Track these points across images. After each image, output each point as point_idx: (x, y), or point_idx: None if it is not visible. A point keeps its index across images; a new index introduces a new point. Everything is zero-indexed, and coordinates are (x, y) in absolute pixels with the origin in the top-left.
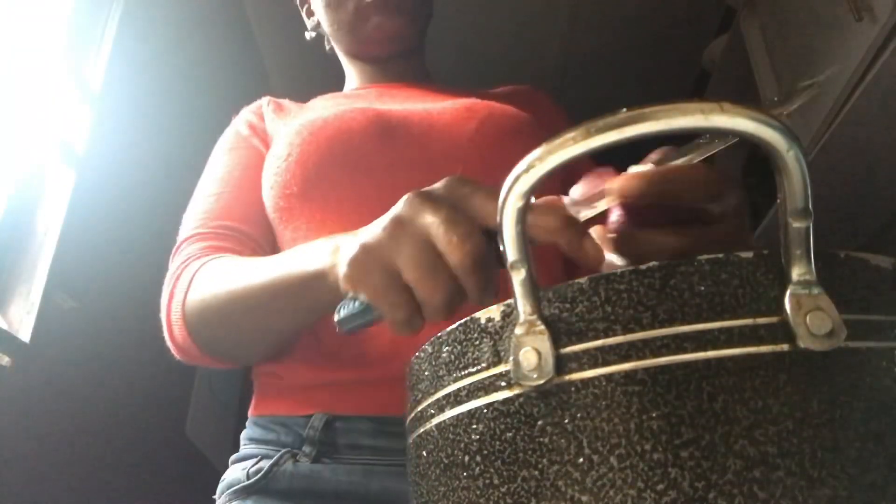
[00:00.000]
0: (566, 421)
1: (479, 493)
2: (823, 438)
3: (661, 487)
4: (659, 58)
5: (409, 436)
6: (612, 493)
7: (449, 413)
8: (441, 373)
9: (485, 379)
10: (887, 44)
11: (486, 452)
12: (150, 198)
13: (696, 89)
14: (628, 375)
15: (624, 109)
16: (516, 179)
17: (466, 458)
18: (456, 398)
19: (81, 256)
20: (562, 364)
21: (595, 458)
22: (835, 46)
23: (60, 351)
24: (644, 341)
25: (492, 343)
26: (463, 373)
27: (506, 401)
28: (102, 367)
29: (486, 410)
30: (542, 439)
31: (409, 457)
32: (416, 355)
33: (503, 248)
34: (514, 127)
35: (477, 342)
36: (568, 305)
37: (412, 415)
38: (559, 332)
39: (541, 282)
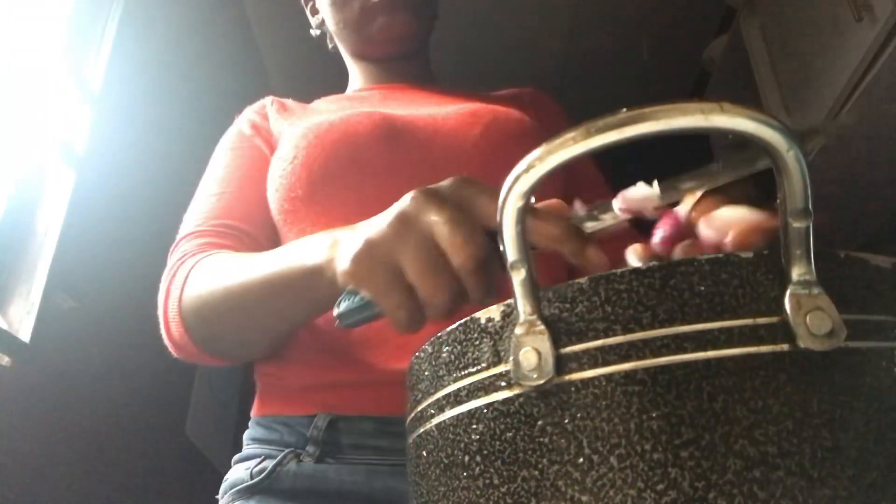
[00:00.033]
0: (566, 421)
1: (479, 493)
2: (823, 438)
3: (661, 487)
4: (659, 58)
5: (409, 436)
6: (612, 493)
7: (449, 413)
8: (441, 373)
9: (485, 379)
10: (887, 44)
11: (486, 452)
12: (150, 198)
13: (696, 89)
14: (628, 375)
15: (624, 109)
16: (516, 179)
17: (466, 458)
18: (456, 398)
19: (81, 256)
20: (562, 364)
21: (595, 458)
22: (835, 46)
23: (60, 351)
24: (644, 341)
25: (492, 343)
26: (463, 373)
27: (506, 401)
28: (102, 367)
29: (486, 410)
30: (542, 439)
31: (409, 457)
32: (416, 355)
33: (503, 248)
34: (517, 131)
35: (477, 342)
36: (568, 305)
37: (412, 415)
38: (559, 332)
39: (541, 282)
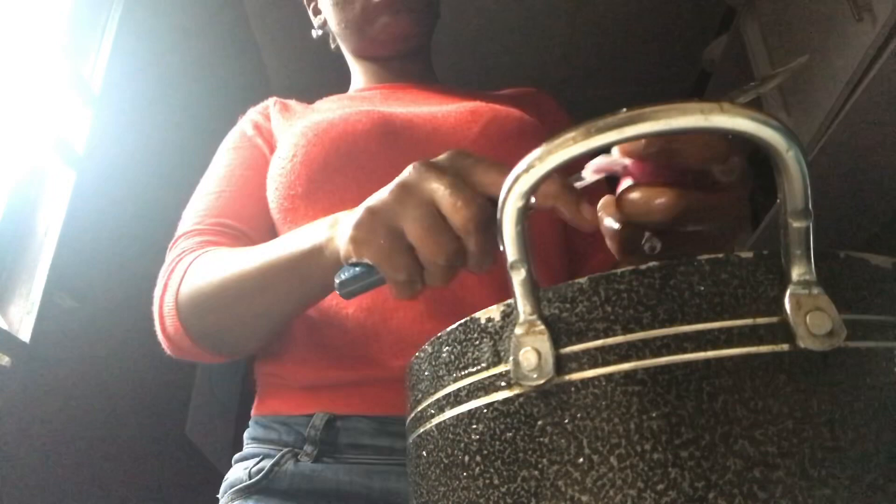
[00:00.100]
0: (566, 421)
1: (479, 493)
2: (823, 438)
3: (661, 487)
4: (659, 58)
5: (409, 436)
6: (612, 493)
7: (449, 413)
8: (441, 373)
9: (485, 379)
10: (887, 44)
11: (486, 452)
12: (150, 198)
13: (696, 89)
14: (628, 375)
15: (624, 109)
16: (516, 179)
17: (466, 458)
18: (456, 398)
19: (81, 256)
20: (562, 364)
21: (595, 458)
22: (835, 46)
23: (60, 351)
24: (644, 341)
25: (492, 343)
26: (463, 373)
27: (506, 401)
28: (102, 367)
29: (486, 410)
30: (542, 439)
31: (409, 457)
32: (416, 355)
33: (503, 247)
34: (517, 130)
35: (477, 342)
36: (568, 305)
37: (412, 415)
38: (559, 332)
39: (541, 282)
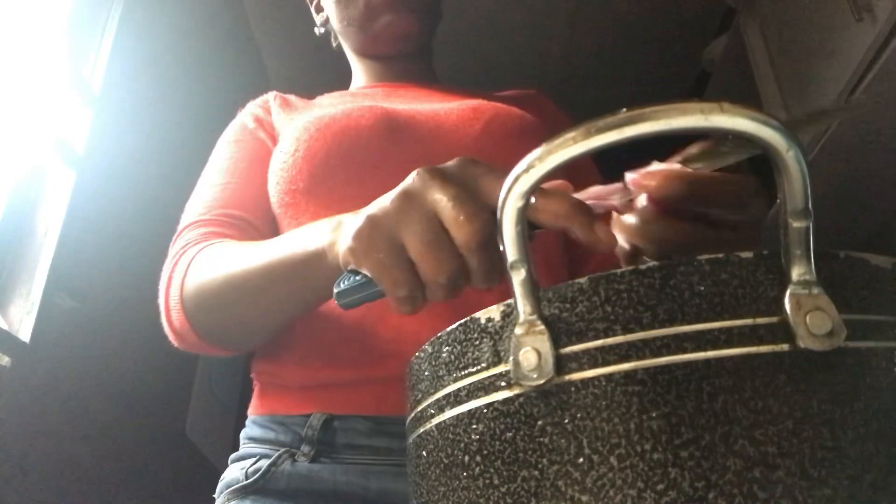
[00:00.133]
0: (566, 421)
1: (479, 493)
2: (823, 438)
3: (661, 487)
4: (659, 58)
5: (409, 436)
6: (612, 493)
7: (449, 413)
8: (441, 373)
9: (485, 379)
10: (887, 44)
11: (486, 452)
12: (150, 198)
13: (696, 89)
14: (628, 375)
15: (624, 109)
16: (516, 179)
17: (466, 458)
18: (456, 398)
19: (81, 256)
20: (562, 364)
21: (595, 458)
22: (835, 46)
23: (60, 351)
24: (644, 341)
25: (492, 343)
26: (463, 373)
27: (506, 401)
28: (102, 367)
29: (486, 410)
30: (542, 439)
31: (409, 457)
32: (416, 355)
33: (503, 247)
34: (519, 129)
35: (477, 342)
36: (568, 305)
37: (412, 415)
38: (559, 332)
39: (541, 282)
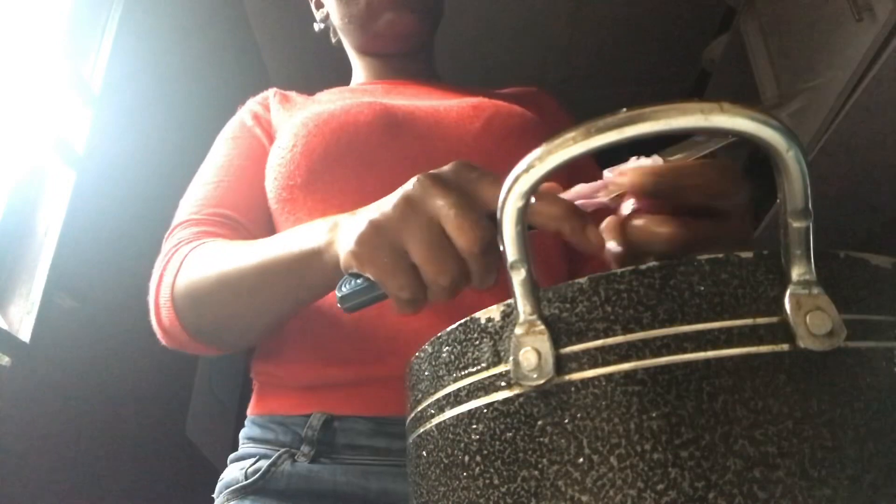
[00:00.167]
0: (566, 421)
1: (479, 493)
2: (823, 438)
3: (661, 487)
4: (659, 58)
5: (409, 436)
6: (612, 493)
7: (449, 413)
8: (441, 373)
9: (485, 379)
10: (887, 44)
11: (486, 452)
12: (150, 198)
13: (696, 89)
14: (628, 375)
15: (624, 109)
16: (516, 179)
17: (466, 458)
18: (456, 398)
19: (81, 256)
20: (562, 364)
21: (595, 458)
22: (835, 46)
23: (60, 351)
24: (644, 341)
25: (492, 343)
26: (463, 373)
27: (506, 401)
28: (102, 367)
29: (486, 410)
30: (542, 439)
31: (409, 457)
32: (416, 355)
33: (503, 247)
34: (519, 126)
35: (477, 342)
36: (568, 305)
37: (412, 415)
38: (559, 332)
39: (541, 282)
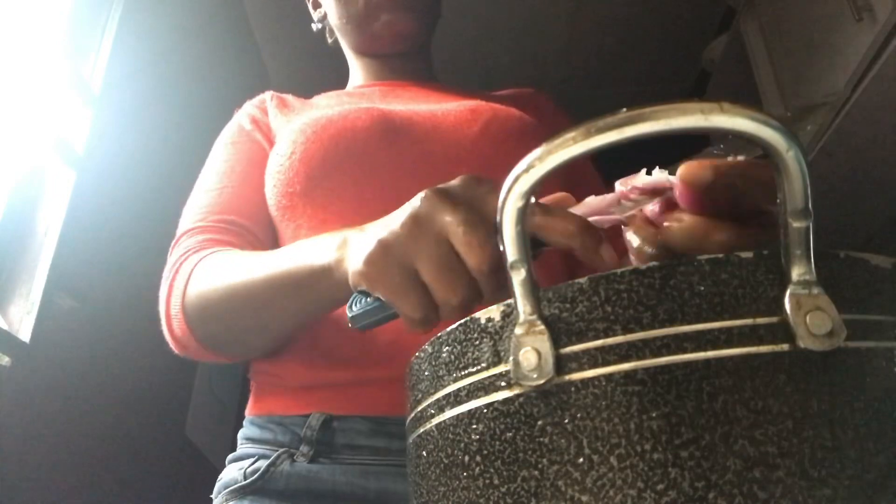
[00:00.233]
0: (566, 421)
1: (479, 493)
2: (823, 438)
3: (661, 487)
4: (659, 58)
5: (409, 436)
6: (612, 493)
7: (449, 413)
8: (441, 373)
9: (485, 379)
10: (887, 44)
11: (486, 452)
12: (150, 198)
13: (696, 89)
14: (628, 375)
15: (624, 109)
16: (516, 179)
17: (466, 458)
18: (456, 398)
19: (81, 256)
20: (562, 364)
21: (595, 458)
22: (835, 46)
23: (60, 351)
24: (644, 341)
25: (492, 343)
26: (463, 373)
27: (506, 401)
28: (102, 367)
29: (486, 410)
30: (542, 439)
31: (409, 457)
32: (416, 355)
33: (503, 248)
34: (517, 129)
35: (477, 342)
36: (568, 305)
37: (412, 415)
38: (559, 332)
39: (541, 282)
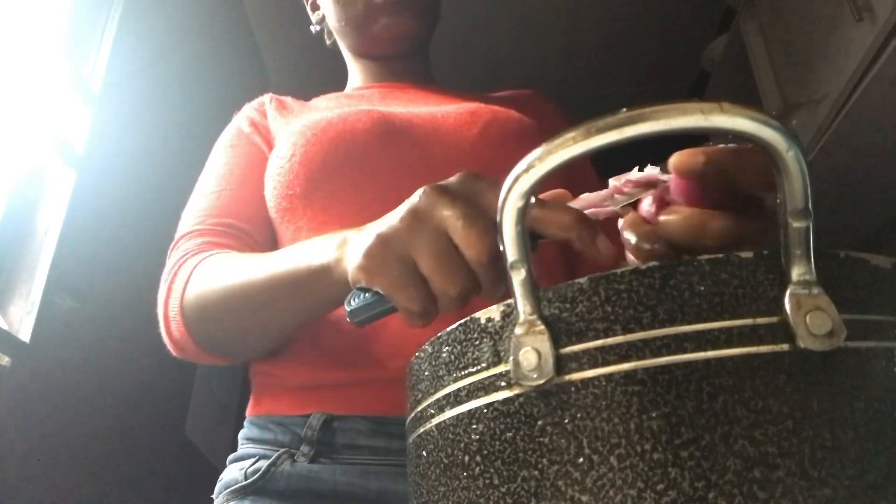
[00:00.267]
0: (566, 421)
1: (479, 493)
2: (823, 438)
3: (661, 487)
4: (659, 58)
5: (409, 436)
6: (612, 493)
7: (449, 413)
8: (441, 373)
9: (485, 379)
10: (887, 44)
11: (486, 452)
12: (150, 198)
13: (696, 89)
14: (628, 375)
15: (624, 109)
16: (516, 179)
17: (466, 458)
18: (456, 398)
19: (81, 256)
20: (562, 364)
21: (595, 458)
22: (835, 46)
23: (60, 351)
24: (644, 341)
25: (492, 343)
26: (463, 373)
27: (506, 401)
28: (102, 367)
29: (486, 410)
30: (542, 439)
31: (409, 457)
32: (416, 355)
33: (503, 247)
34: (516, 131)
35: (477, 342)
36: (568, 305)
37: (412, 415)
38: (559, 332)
39: (541, 282)
